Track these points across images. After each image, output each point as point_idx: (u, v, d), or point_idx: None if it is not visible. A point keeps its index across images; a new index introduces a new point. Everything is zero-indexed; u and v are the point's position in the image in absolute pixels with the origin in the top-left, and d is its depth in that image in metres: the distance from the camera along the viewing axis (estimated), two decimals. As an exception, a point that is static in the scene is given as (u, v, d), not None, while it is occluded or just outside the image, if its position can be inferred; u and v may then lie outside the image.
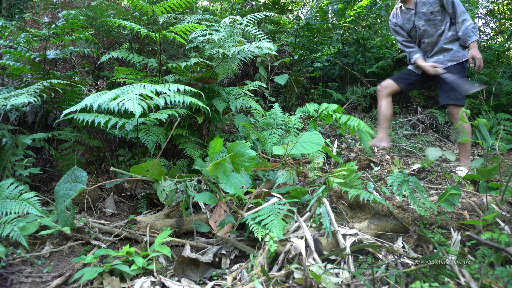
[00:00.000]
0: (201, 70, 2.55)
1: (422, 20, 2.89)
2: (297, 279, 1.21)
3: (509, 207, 1.70)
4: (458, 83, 2.76)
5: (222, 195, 1.77)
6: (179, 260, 1.41)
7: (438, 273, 1.20)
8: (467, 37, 2.73)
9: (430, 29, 2.88)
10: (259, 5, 4.93)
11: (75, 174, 1.61)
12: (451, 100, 2.79)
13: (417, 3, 2.91)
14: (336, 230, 1.44)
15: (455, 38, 2.84)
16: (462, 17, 2.76)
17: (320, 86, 5.00)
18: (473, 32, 2.72)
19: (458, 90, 2.79)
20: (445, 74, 2.79)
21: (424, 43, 2.94)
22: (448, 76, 2.78)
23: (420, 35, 2.94)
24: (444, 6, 2.83)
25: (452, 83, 2.77)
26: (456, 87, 2.79)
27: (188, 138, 2.39)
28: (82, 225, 1.68)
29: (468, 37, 2.73)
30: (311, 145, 1.87)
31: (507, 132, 4.02)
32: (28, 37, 2.54)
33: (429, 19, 2.86)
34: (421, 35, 2.93)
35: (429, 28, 2.88)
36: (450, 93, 2.80)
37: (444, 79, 2.82)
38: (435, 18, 2.85)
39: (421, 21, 2.89)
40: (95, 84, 2.95)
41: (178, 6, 2.33)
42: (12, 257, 1.43)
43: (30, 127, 2.48)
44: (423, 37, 2.93)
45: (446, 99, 2.82)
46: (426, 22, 2.88)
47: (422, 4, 2.88)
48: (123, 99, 1.50)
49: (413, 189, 1.55)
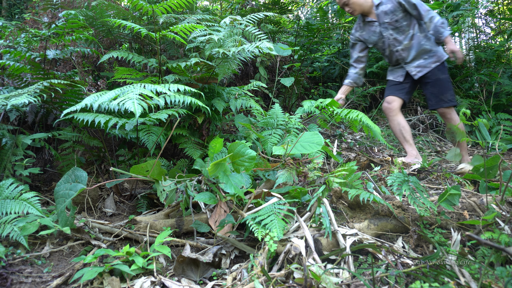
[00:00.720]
0: (201, 70, 2.55)
1: (390, 30, 2.82)
2: (297, 279, 1.21)
3: (509, 207, 1.70)
4: (448, 84, 2.76)
5: (222, 195, 1.77)
6: (179, 260, 1.41)
7: (438, 273, 1.20)
8: (439, 34, 2.69)
9: (400, 36, 2.81)
10: (259, 5, 4.93)
11: (75, 174, 1.61)
12: (445, 103, 2.75)
13: (379, 15, 2.83)
14: (336, 230, 1.44)
15: (428, 37, 2.79)
16: (428, 16, 2.70)
17: (320, 86, 5.00)
18: (443, 27, 2.67)
19: (449, 91, 2.77)
20: None
21: (397, 52, 2.85)
22: None
23: (391, 44, 2.85)
24: (407, 10, 2.76)
25: (443, 84, 2.76)
26: (447, 89, 2.77)
27: (188, 138, 2.39)
28: (82, 225, 1.68)
29: (440, 34, 2.68)
30: (311, 145, 1.87)
31: (507, 132, 4.02)
32: (28, 37, 2.54)
33: (395, 27, 2.80)
34: (392, 44, 2.84)
35: (398, 35, 2.81)
36: (441, 96, 2.76)
37: (432, 83, 2.78)
38: (401, 25, 2.78)
39: (389, 30, 2.82)
40: (95, 84, 2.95)
41: (178, 6, 2.33)
42: (12, 257, 1.43)
43: (30, 127, 2.48)
44: (394, 46, 2.84)
45: (439, 102, 2.77)
46: (394, 30, 2.81)
47: (384, 14, 2.80)
48: (123, 99, 1.50)
49: (413, 189, 1.55)
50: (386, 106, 2.95)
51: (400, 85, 2.93)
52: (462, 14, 4.90)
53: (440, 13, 4.54)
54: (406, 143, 2.89)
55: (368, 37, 2.95)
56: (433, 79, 2.79)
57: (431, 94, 2.81)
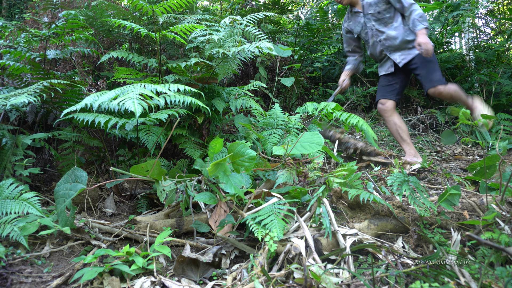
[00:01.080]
0: (201, 70, 2.55)
1: (372, 21, 2.90)
2: (297, 279, 1.21)
3: (509, 207, 1.70)
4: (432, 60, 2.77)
5: (222, 195, 1.77)
6: (179, 260, 1.41)
7: (438, 273, 1.20)
8: (414, 27, 2.72)
9: (382, 27, 2.88)
10: (259, 5, 4.94)
11: (75, 174, 1.61)
12: (435, 83, 2.75)
13: (364, 6, 2.92)
14: (336, 230, 1.44)
15: (410, 28, 2.82)
16: (410, 9, 2.75)
17: (320, 86, 5.00)
18: (419, 21, 2.69)
19: (436, 72, 2.76)
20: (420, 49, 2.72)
21: (380, 41, 2.91)
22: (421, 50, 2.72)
23: (374, 34, 2.92)
24: (390, 3, 2.83)
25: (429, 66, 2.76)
26: (434, 69, 2.76)
27: (188, 138, 2.39)
28: (82, 225, 1.68)
29: (415, 27, 2.71)
30: (311, 145, 1.87)
31: (507, 132, 4.02)
32: (28, 37, 2.54)
33: (378, 18, 2.87)
34: (375, 34, 2.92)
35: (380, 27, 2.88)
36: (430, 76, 2.77)
37: (419, 67, 2.80)
38: (383, 17, 2.85)
39: (371, 21, 2.91)
40: (95, 84, 2.95)
41: (178, 6, 2.33)
42: (12, 257, 1.43)
43: (30, 127, 2.48)
44: (377, 36, 2.91)
45: (430, 82, 2.76)
46: (376, 22, 2.89)
47: (368, 5, 2.89)
48: (123, 99, 1.50)
49: (413, 189, 1.55)
50: (381, 107, 3.02)
51: (391, 86, 2.98)
52: (462, 14, 4.90)
53: (440, 13, 4.54)
54: (404, 143, 2.92)
55: (354, 27, 3.06)
56: (418, 63, 2.81)
57: (421, 77, 2.83)
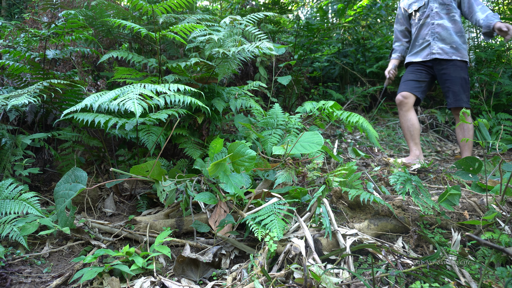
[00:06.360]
0: (201, 70, 2.55)
1: (437, 3, 2.84)
2: (297, 279, 1.21)
3: (509, 207, 1.70)
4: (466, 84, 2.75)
5: (222, 195, 1.76)
6: (179, 260, 1.41)
7: (438, 273, 1.20)
8: (489, 21, 2.65)
9: (444, 13, 2.83)
10: (259, 5, 4.93)
11: (75, 174, 1.61)
12: (464, 103, 2.73)
13: None
14: (336, 230, 1.44)
15: (463, 34, 2.81)
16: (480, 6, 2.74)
17: (320, 86, 5.00)
18: (494, 16, 2.66)
19: (467, 92, 2.74)
20: None
21: (433, 25, 2.85)
22: None
23: (431, 15, 2.86)
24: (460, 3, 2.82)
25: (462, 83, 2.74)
26: (466, 89, 2.74)
27: (188, 138, 2.39)
28: (82, 225, 1.68)
29: (490, 21, 2.65)
30: (311, 145, 1.87)
31: (508, 132, 4.02)
32: (27, 37, 2.54)
33: (443, 3, 2.83)
34: (432, 16, 2.85)
35: (442, 12, 2.83)
36: (462, 95, 2.74)
37: (453, 80, 2.77)
38: (450, 3, 2.82)
39: (435, 3, 2.85)
40: (95, 84, 2.95)
41: (178, 6, 2.33)
42: (12, 257, 1.43)
43: (29, 127, 2.47)
44: (433, 18, 2.85)
45: (458, 101, 2.75)
46: (440, 5, 2.84)
47: None
48: (123, 99, 1.50)
49: (416, 188, 1.55)
50: (401, 100, 2.94)
51: (418, 83, 2.93)
52: (462, 14, 4.89)
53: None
54: (412, 141, 2.89)
55: (412, 2, 2.96)
56: (452, 75, 2.78)
57: (451, 91, 2.79)
